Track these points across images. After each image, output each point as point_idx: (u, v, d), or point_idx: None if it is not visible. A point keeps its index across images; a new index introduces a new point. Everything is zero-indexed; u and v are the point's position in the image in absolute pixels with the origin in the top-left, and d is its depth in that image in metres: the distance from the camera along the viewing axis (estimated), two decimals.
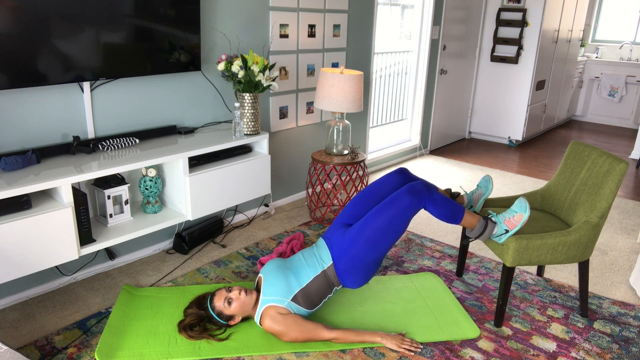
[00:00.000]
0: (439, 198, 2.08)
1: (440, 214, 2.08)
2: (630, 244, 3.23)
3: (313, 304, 2.13)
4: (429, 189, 2.08)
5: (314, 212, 3.41)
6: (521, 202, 2.13)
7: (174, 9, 2.51)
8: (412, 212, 2.06)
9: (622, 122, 7.08)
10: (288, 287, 2.09)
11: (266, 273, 2.19)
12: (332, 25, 3.62)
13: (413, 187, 2.07)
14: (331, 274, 2.14)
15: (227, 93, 3.05)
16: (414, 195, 2.04)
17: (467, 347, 2.13)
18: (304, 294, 2.10)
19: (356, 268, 2.11)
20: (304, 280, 2.11)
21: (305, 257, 2.22)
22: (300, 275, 2.13)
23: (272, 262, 2.25)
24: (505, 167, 4.88)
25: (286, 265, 2.20)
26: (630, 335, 2.27)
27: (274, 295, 2.08)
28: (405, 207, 2.04)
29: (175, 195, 2.61)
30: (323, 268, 2.14)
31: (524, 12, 5.32)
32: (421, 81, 4.90)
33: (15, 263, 1.95)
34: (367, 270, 2.13)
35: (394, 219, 2.05)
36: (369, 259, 2.10)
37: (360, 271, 2.12)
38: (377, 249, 2.09)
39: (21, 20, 1.99)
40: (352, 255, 2.09)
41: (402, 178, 2.32)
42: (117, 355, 1.96)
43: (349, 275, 2.12)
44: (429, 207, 2.07)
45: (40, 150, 2.23)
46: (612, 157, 2.24)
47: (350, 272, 2.11)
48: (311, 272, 2.13)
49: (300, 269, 2.16)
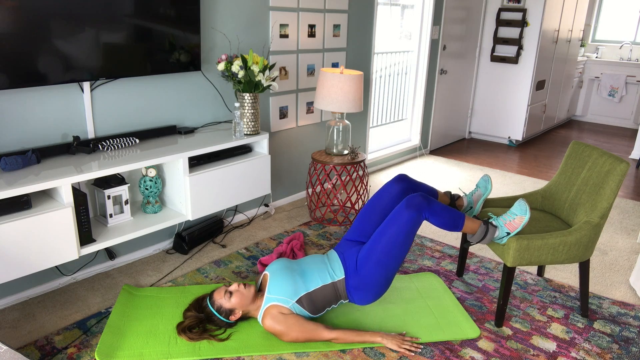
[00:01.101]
0: (438, 208, 2.07)
1: (441, 223, 2.09)
2: (630, 244, 3.23)
3: (316, 310, 2.13)
4: (428, 199, 2.07)
5: (314, 212, 3.41)
6: (521, 204, 2.12)
7: (174, 9, 2.51)
8: (413, 226, 2.06)
9: (622, 122, 7.08)
10: (294, 289, 2.09)
11: (273, 271, 2.19)
12: (332, 25, 3.62)
13: (411, 200, 2.06)
14: (341, 287, 2.15)
15: (227, 93, 3.05)
16: (413, 209, 2.04)
17: (467, 347, 2.13)
18: (309, 298, 2.10)
19: (367, 287, 2.13)
20: (311, 286, 2.12)
21: (314, 263, 2.22)
22: (308, 279, 2.14)
23: (280, 262, 2.25)
24: (505, 167, 4.88)
25: (294, 267, 2.20)
26: (630, 335, 2.27)
27: (280, 295, 2.08)
28: (406, 222, 2.04)
29: (175, 195, 2.61)
30: (333, 279, 2.15)
31: (524, 12, 5.32)
32: (421, 81, 4.90)
33: (15, 263, 1.94)
34: (378, 289, 2.15)
35: (398, 237, 2.06)
36: (381, 279, 2.12)
37: (371, 290, 2.14)
38: (387, 268, 2.10)
39: (21, 20, 1.99)
40: (363, 275, 2.11)
41: (402, 185, 2.32)
42: (117, 355, 1.96)
43: (359, 293, 2.14)
44: (430, 218, 2.07)
45: (40, 150, 2.23)
46: (613, 157, 2.24)
47: (362, 290, 2.13)
48: (320, 279, 2.14)
49: (309, 273, 2.16)
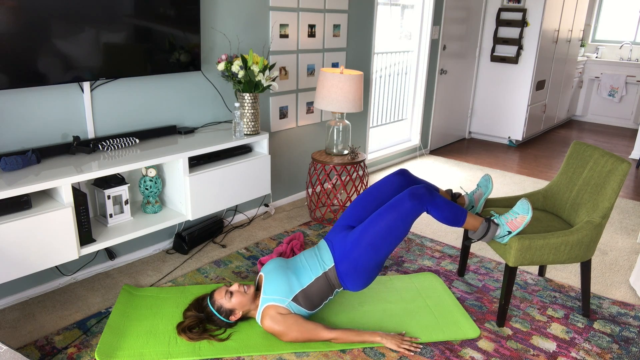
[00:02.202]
0: (441, 201, 2.06)
1: (443, 217, 2.08)
2: (630, 244, 3.23)
3: (313, 305, 2.13)
4: (431, 192, 2.06)
5: (314, 212, 3.41)
6: (523, 204, 2.12)
7: (174, 9, 2.51)
8: (413, 216, 2.05)
9: (622, 122, 7.08)
10: (289, 287, 2.09)
11: (267, 272, 2.19)
12: (332, 25, 3.62)
13: (415, 191, 2.05)
14: (332, 275, 2.13)
15: (227, 93, 3.05)
16: (416, 199, 2.03)
17: (467, 347, 2.13)
18: (305, 294, 2.10)
19: (357, 271, 2.10)
20: (305, 281, 2.11)
21: (306, 258, 2.22)
22: (301, 275, 2.13)
23: (273, 262, 2.25)
24: (505, 167, 4.88)
25: (287, 265, 2.20)
26: (630, 335, 2.26)
27: (275, 295, 2.08)
28: (407, 211, 2.03)
29: (175, 195, 2.61)
30: (324, 269, 2.13)
31: (524, 12, 5.32)
32: (421, 81, 4.90)
33: (15, 263, 1.94)
34: (368, 274, 2.12)
35: (396, 223, 2.05)
36: (371, 263, 2.10)
37: (362, 274, 2.11)
38: (379, 253, 2.08)
39: (21, 20, 1.99)
40: (353, 258, 2.09)
41: (403, 179, 2.31)
42: (117, 355, 1.96)
43: (350, 278, 2.12)
44: (431, 210, 2.06)
45: (40, 150, 2.23)
46: (614, 157, 2.24)
47: (352, 275, 2.11)
48: (312, 273, 2.13)
49: (302, 269, 2.16)
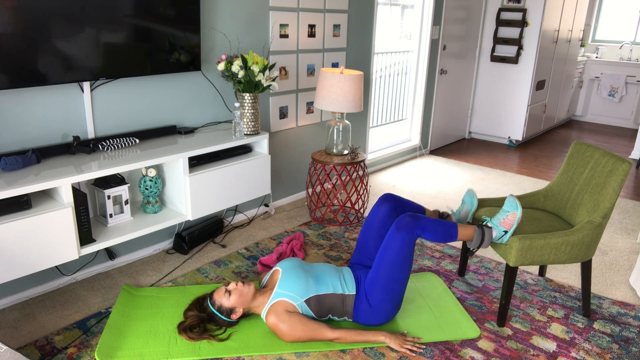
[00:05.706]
0: (427, 223, 2.07)
1: (435, 236, 2.09)
2: (630, 244, 3.23)
3: (321, 314, 2.15)
4: (415, 217, 2.08)
5: (314, 212, 3.41)
6: (511, 201, 2.15)
7: (173, 9, 2.51)
8: (408, 247, 2.06)
9: (622, 122, 7.08)
10: (306, 288, 2.11)
11: (286, 268, 2.20)
12: (332, 25, 3.62)
13: (399, 222, 2.07)
14: (349, 303, 2.16)
15: (227, 93, 3.05)
16: (403, 229, 2.05)
17: (467, 347, 2.13)
18: (318, 300, 2.12)
19: (379, 312, 2.15)
20: (322, 289, 2.13)
21: (329, 270, 2.24)
22: (320, 283, 2.15)
23: (293, 260, 2.27)
24: (505, 167, 4.88)
25: (306, 269, 2.22)
26: (630, 335, 2.26)
27: (290, 291, 2.10)
28: (400, 244, 2.05)
29: (175, 195, 2.61)
30: (344, 292, 2.16)
31: (524, 12, 5.32)
32: (421, 81, 4.90)
33: (15, 263, 1.94)
34: (388, 312, 2.17)
35: (397, 260, 2.07)
36: (390, 303, 2.14)
37: (382, 314, 2.16)
38: (394, 292, 2.12)
39: (21, 20, 1.99)
40: (372, 301, 2.14)
41: (388, 205, 2.35)
42: (117, 355, 1.96)
43: (369, 317, 2.16)
44: (422, 235, 2.07)
45: (40, 150, 2.23)
46: (615, 157, 2.24)
47: (372, 314, 2.15)
48: (332, 287, 2.15)
49: (322, 279, 2.18)
